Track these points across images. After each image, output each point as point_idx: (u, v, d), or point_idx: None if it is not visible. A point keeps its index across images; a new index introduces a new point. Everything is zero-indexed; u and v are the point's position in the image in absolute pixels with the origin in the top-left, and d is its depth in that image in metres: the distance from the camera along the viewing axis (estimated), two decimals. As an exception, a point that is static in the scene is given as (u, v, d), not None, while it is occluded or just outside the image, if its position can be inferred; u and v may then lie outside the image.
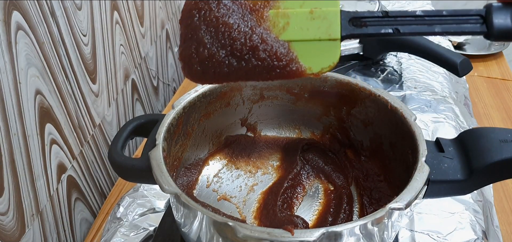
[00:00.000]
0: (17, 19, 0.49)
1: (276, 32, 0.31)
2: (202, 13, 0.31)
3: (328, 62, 0.30)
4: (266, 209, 0.46)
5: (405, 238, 0.47)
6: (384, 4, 0.83)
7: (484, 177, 0.37)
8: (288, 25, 0.31)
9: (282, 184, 0.49)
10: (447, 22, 0.31)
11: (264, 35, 0.30)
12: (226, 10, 0.31)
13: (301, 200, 0.48)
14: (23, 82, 0.51)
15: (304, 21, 0.30)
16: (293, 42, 0.31)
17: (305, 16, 0.30)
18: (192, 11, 0.31)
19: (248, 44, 0.30)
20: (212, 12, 0.31)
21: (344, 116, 0.51)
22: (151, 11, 0.90)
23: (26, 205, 0.52)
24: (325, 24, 0.30)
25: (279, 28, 0.31)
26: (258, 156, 0.54)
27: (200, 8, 0.31)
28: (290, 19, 0.31)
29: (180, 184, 0.48)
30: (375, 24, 0.31)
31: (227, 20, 0.30)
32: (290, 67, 0.30)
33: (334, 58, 0.30)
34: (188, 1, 0.32)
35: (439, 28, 0.31)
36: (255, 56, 0.30)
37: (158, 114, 0.45)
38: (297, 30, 0.30)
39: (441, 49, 0.66)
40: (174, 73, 1.09)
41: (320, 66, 0.30)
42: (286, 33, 0.31)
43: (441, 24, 0.31)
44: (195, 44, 0.31)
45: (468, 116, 0.69)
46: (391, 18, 0.31)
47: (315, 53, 0.30)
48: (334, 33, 0.30)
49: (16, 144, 0.50)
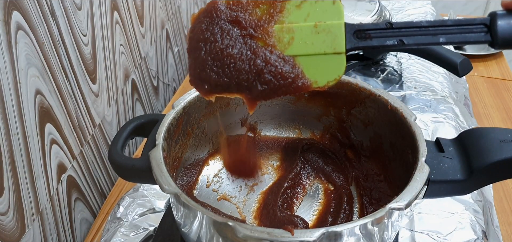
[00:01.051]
0: (17, 19, 0.49)
1: (281, 48, 0.31)
2: (208, 46, 0.32)
3: (333, 76, 0.31)
4: (266, 209, 0.46)
5: (405, 238, 0.47)
6: (384, 4, 0.83)
7: (484, 177, 0.37)
8: (293, 40, 0.31)
9: (282, 184, 0.49)
10: (452, 32, 0.31)
11: (268, 56, 0.31)
12: (229, 39, 0.31)
13: (301, 200, 0.48)
14: (23, 82, 0.51)
15: (308, 35, 0.31)
16: (298, 57, 0.31)
17: (309, 30, 0.31)
18: (199, 43, 0.32)
19: (254, 71, 0.31)
20: (217, 45, 0.31)
21: (344, 116, 0.51)
22: (151, 11, 0.90)
23: (26, 205, 0.52)
24: (330, 37, 0.30)
25: (284, 43, 0.31)
26: (258, 156, 0.54)
27: (206, 40, 0.32)
28: (295, 34, 0.31)
29: (180, 184, 0.48)
30: (380, 36, 0.31)
31: (231, 51, 0.31)
32: (296, 83, 0.31)
33: (339, 71, 0.31)
34: (195, 28, 0.33)
35: (443, 38, 0.31)
36: (260, 81, 0.31)
37: (158, 114, 0.45)
38: (302, 45, 0.30)
39: (441, 49, 0.66)
40: (174, 73, 1.09)
41: (326, 79, 0.31)
42: (291, 48, 0.31)
43: (446, 34, 0.31)
44: (204, 77, 0.32)
45: (468, 116, 0.69)
46: (395, 30, 0.31)
47: (321, 67, 0.31)
48: (339, 46, 0.30)
49: (16, 144, 0.50)
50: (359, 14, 0.76)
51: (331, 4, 0.31)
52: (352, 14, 0.77)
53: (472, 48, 0.97)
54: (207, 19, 0.32)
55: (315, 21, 0.31)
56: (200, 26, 0.32)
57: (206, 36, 0.32)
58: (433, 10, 0.97)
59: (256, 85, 0.31)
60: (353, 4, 0.79)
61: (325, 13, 0.31)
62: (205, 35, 0.32)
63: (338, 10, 0.31)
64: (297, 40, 0.31)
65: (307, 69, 0.30)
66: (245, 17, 0.32)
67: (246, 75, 0.31)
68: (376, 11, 0.76)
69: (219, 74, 0.31)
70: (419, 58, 0.76)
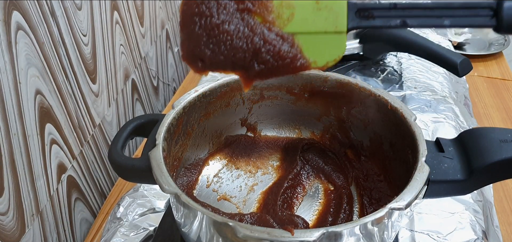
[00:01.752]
0: (17, 19, 0.49)
1: (280, 24, 0.29)
2: (203, 21, 0.30)
3: (333, 56, 0.29)
4: (266, 209, 0.46)
5: (405, 238, 0.47)
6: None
7: (484, 177, 0.37)
8: (293, 17, 0.29)
9: (282, 184, 0.49)
10: (457, 15, 0.29)
11: (266, 34, 0.29)
12: (225, 14, 0.30)
13: (301, 200, 0.48)
14: (23, 82, 0.51)
15: (309, 12, 0.29)
16: (298, 35, 0.29)
17: (310, 7, 0.29)
18: (193, 16, 0.30)
19: (251, 50, 0.29)
20: (213, 20, 0.30)
21: (344, 116, 0.51)
22: (151, 11, 0.90)
23: (26, 205, 0.52)
24: (331, 15, 0.29)
25: (284, 19, 0.29)
26: (258, 156, 0.54)
27: (201, 14, 0.30)
28: (295, 10, 0.29)
29: (180, 184, 0.48)
30: (383, 16, 0.30)
31: (227, 28, 0.30)
32: (294, 63, 0.30)
33: (339, 51, 0.29)
34: (188, 2, 0.31)
35: (448, 21, 0.29)
36: (258, 60, 0.30)
37: (158, 114, 0.45)
38: (302, 22, 0.29)
39: (441, 49, 0.66)
40: (174, 73, 1.09)
41: (326, 59, 0.29)
42: (291, 25, 0.29)
43: (451, 17, 0.29)
44: (198, 53, 0.30)
45: (468, 116, 0.69)
46: (399, 10, 0.29)
47: (320, 46, 0.29)
48: (340, 25, 0.29)
49: (16, 144, 0.50)
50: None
51: None
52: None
53: (472, 48, 0.97)
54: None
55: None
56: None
57: (202, 10, 0.30)
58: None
59: (253, 65, 0.30)
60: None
61: None
62: (200, 8, 0.30)
63: None
64: (297, 17, 0.29)
65: (306, 49, 0.29)
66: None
67: (243, 53, 0.29)
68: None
69: (214, 52, 0.30)
70: (419, 58, 0.76)
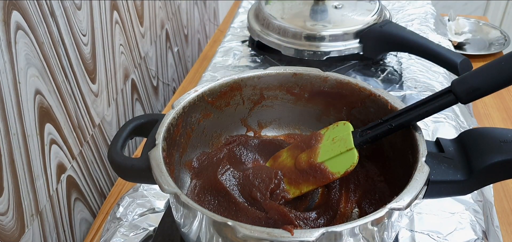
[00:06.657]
0: (17, 19, 0.49)
1: (314, 159, 0.44)
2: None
3: (349, 164, 0.41)
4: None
5: (405, 238, 0.47)
6: (384, 3, 0.83)
7: (484, 177, 0.37)
8: (320, 153, 0.44)
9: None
10: (426, 106, 0.39)
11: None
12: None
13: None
14: (22, 82, 0.50)
15: (329, 146, 0.44)
16: (326, 161, 0.43)
17: (329, 143, 0.44)
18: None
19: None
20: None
21: (344, 116, 0.51)
22: (151, 11, 0.90)
23: (25, 205, 0.52)
24: (342, 143, 0.43)
25: (316, 155, 0.44)
26: (258, 156, 0.53)
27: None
28: (321, 149, 0.44)
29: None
30: (375, 128, 0.42)
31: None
32: (326, 179, 0.42)
33: (353, 160, 0.41)
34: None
35: (422, 112, 0.39)
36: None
37: (158, 114, 0.45)
38: (326, 153, 0.43)
39: (441, 49, 0.66)
40: (174, 73, 1.09)
41: (344, 168, 0.41)
42: (320, 157, 0.44)
43: (422, 110, 0.39)
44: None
45: (468, 116, 0.69)
46: (385, 121, 0.41)
47: (340, 162, 0.42)
48: (349, 145, 0.42)
49: (16, 144, 0.50)
50: (359, 14, 0.76)
51: (342, 124, 0.45)
52: (352, 14, 0.76)
53: (472, 48, 0.97)
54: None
55: (333, 137, 0.44)
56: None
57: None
58: (433, 10, 0.97)
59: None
60: (353, 4, 0.79)
61: (339, 131, 0.44)
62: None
63: (348, 127, 0.44)
64: (323, 152, 0.44)
65: (331, 167, 0.42)
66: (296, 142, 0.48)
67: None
68: (376, 11, 0.76)
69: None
70: (419, 58, 0.76)
